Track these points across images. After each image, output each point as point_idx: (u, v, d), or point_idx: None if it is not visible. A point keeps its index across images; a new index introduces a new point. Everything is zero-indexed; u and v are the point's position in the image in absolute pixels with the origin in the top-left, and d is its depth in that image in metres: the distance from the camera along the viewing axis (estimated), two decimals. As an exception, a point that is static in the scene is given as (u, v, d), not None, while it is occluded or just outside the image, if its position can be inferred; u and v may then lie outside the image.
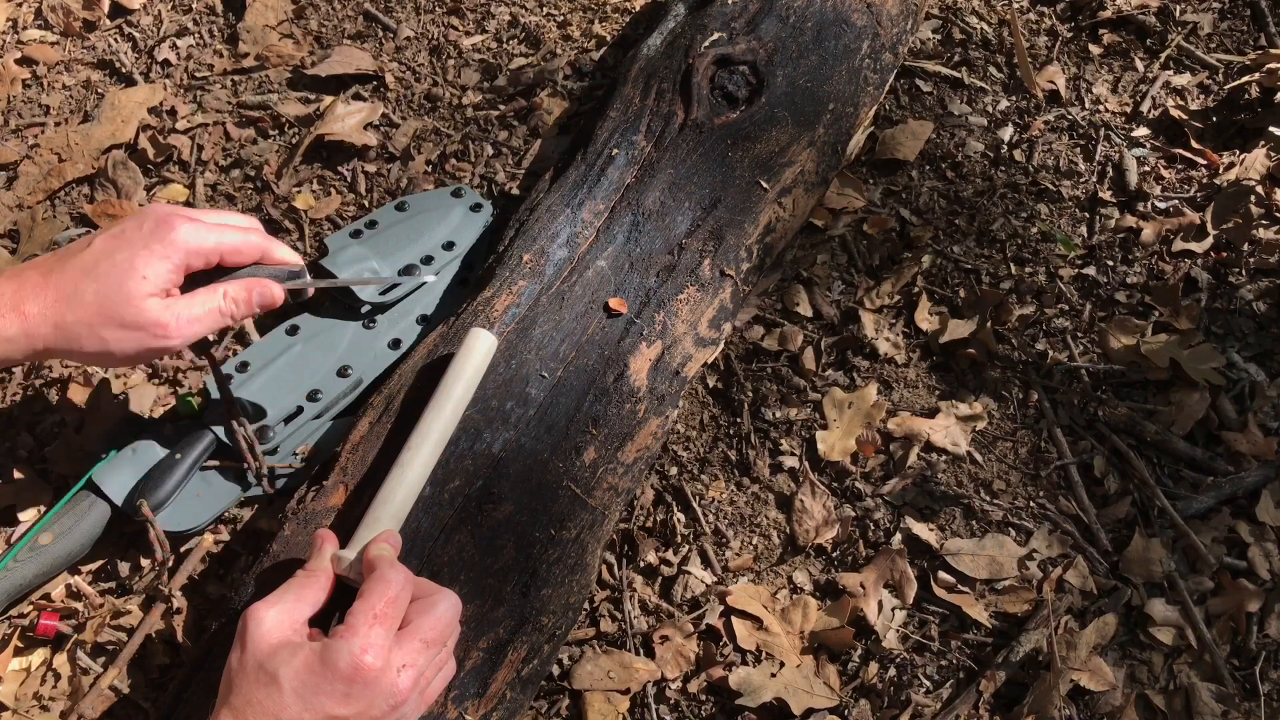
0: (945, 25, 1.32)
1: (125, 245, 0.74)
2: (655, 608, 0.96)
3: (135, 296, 0.73)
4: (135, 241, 0.74)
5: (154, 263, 0.74)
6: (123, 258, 0.73)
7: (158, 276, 0.74)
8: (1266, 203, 1.15)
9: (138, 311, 0.74)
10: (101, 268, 0.73)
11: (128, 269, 0.73)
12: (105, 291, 0.73)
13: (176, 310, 0.76)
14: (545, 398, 0.87)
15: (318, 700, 0.63)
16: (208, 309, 0.77)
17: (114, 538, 0.98)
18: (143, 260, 0.73)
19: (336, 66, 1.28)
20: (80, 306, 0.73)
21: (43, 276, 0.74)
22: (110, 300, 0.73)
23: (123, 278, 0.73)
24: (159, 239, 0.74)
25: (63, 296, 0.73)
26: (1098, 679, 0.89)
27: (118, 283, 0.73)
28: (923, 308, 1.10)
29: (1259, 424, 1.03)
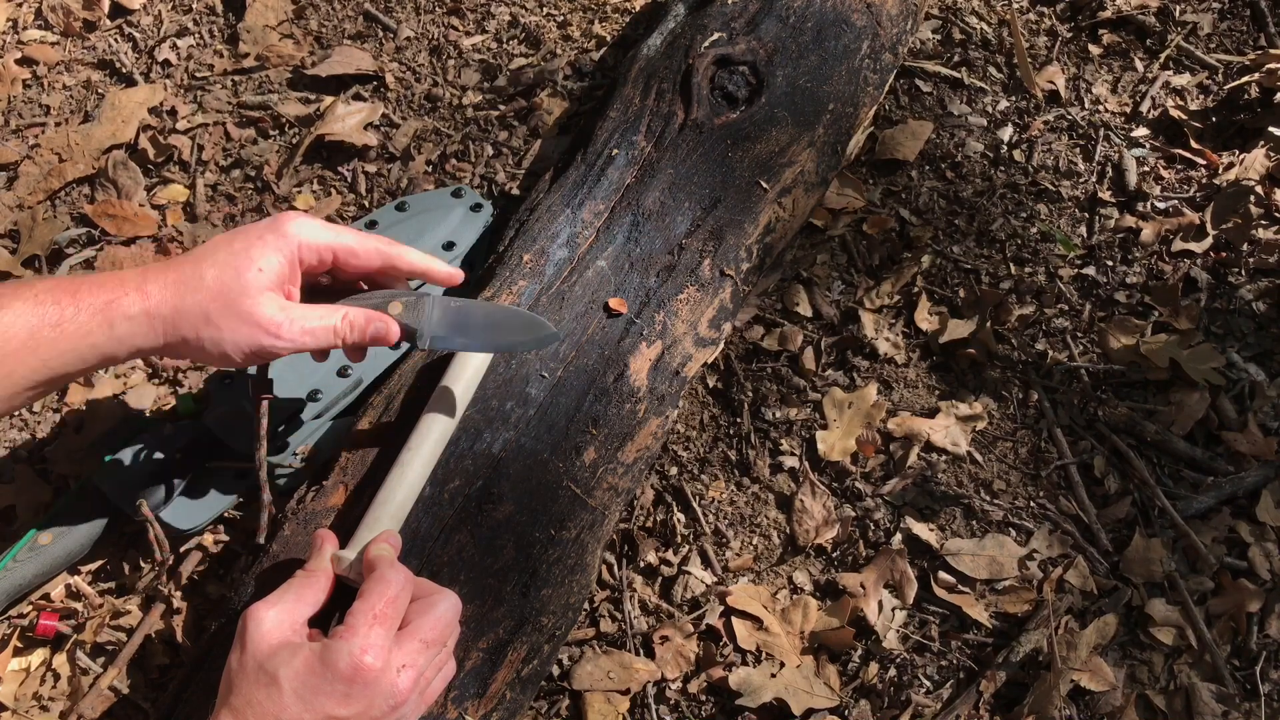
0: (945, 25, 1.32)
1: (242, 235, 0.75)
2: (655, 608, 0.96)
3: (252, 288, 0.73)
4: (251, 232, 0.75)
5: (268, 254, 0.74)
6: (239, 245, 0.74)
7: (271, 269, 0.74)
8: (1266, 203, 1.15)
9: (254, 304, 0.74)
10: (220, 254, 0.74)
11: (244, 258, 0.74)
12: (223, 277, 0.73)
13: (292, 314, 0.75)
14: (545, 398, 0.87)
15: (318, 700, 0.63)
16: (324, 324, 0.76)
17: (114, 538, 0.98)
18: (258, 250, 0.74)
19: (336, 66, 1.28)
20: (199, 289, 0.73)
21: (165, 263, 0.75)
22: (228, 287, 0.73)
23: (241, 266, 0.73)
24: (273, 230, 0.75)
25: (183, 278, 0.73)
26: (1098, 679, 0.89)
27: (236, 270, 0.73)
28: (923, 308, 1.10)
29: (1259, 424, 1.03)
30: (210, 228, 1.19)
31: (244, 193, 1.22)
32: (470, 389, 0.84)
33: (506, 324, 0.81)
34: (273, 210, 1.19)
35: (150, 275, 0.73)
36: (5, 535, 0.99)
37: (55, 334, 0.70)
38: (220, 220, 1.20)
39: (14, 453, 1.04)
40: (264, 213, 1.19)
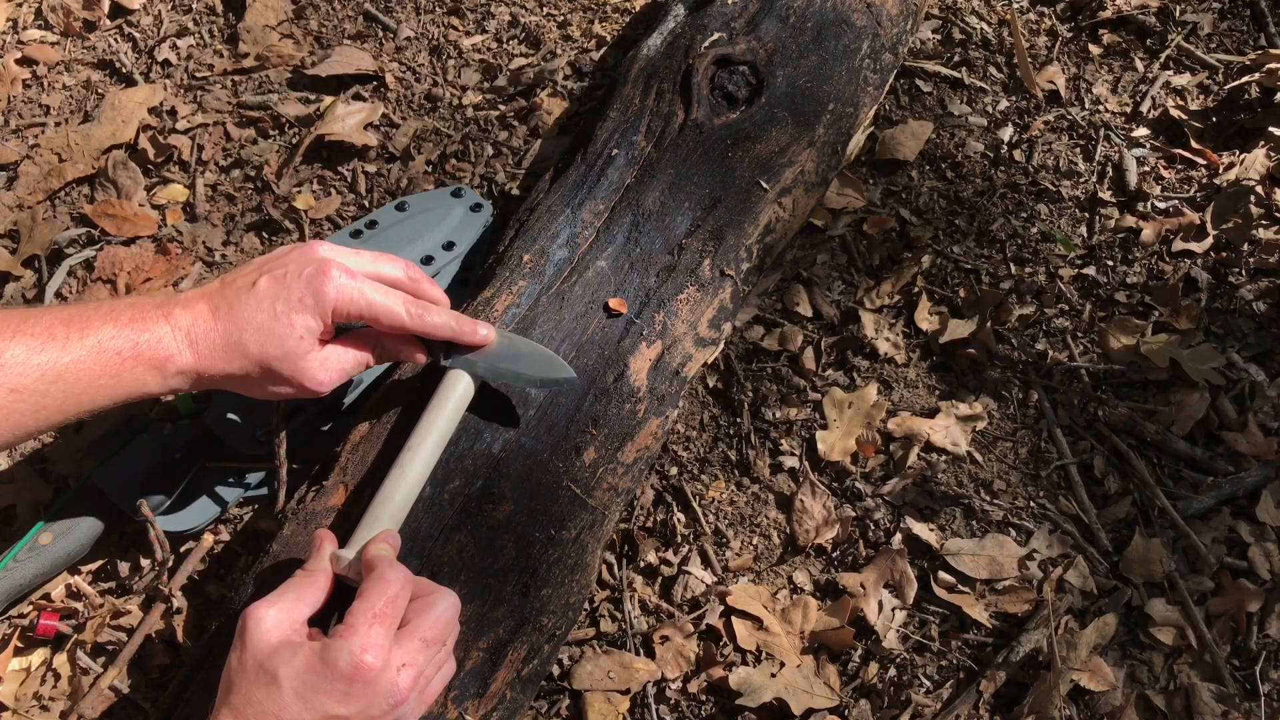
0: (945, 25, 1.32)
1: (283, 294, 0.76)
2: (655, 608, 0.96)
3: (294, 354, 0.77)
4: (293, 293, 0.76)
5: (307, 319, 0.76)
6: (281, 309, 0.76)
7: (311, 334, 0.77)
8: (1266, 203, 1.15)
9: (296, 370, 0.77)
10: (262, 318, 0.76)
11: (286, 324, 0.76)
12: (267, 347, 0.76)
13: (330, 365, 0.79)
14: (545, 398, 0.87)
15: (318, 700, 0.63)
16: (358, 360, 0.82)
17: (114, 538, 0.98)
18: (299, 318, 0.76)
19: (336, 66, 1.28)
20: (244, 356, 0.76)
21: (211, 314, 0.76)
22: (270, 356, 0.76)
23: (283, 334, 0.76)
24: (313, 293, 0.76)
25: (230, 343, 0.76)
26: (1098, 679, 0.89)
27: (279, 339, 0.76)
28: (923, 308, 1.10)
29: (1259, 424, 1.03)
30: (210, 227, 1.19)
31: (244, 192, 1.22)
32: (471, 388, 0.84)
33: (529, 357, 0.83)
34: (273, 210, 1.19)
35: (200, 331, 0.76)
36: (5, 535, 0.99)
37: (114, 382, 0.74)
38: (220, 220, 1.20)
39: (14, 453, 1.04)
40: (264, 212, 1.19)
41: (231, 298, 0.77)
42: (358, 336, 0.82)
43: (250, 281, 0.77)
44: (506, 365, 0.82)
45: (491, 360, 0.83)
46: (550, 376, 0.83)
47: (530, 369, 0.83)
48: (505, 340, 0.84)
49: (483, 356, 0.83)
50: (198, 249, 1.18)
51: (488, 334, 0.83)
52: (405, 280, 0.83)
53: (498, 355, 0.83)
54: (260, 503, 1.00)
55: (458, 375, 0.83)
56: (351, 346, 0.81)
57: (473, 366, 0.82)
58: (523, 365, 0.83)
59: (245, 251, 1.18)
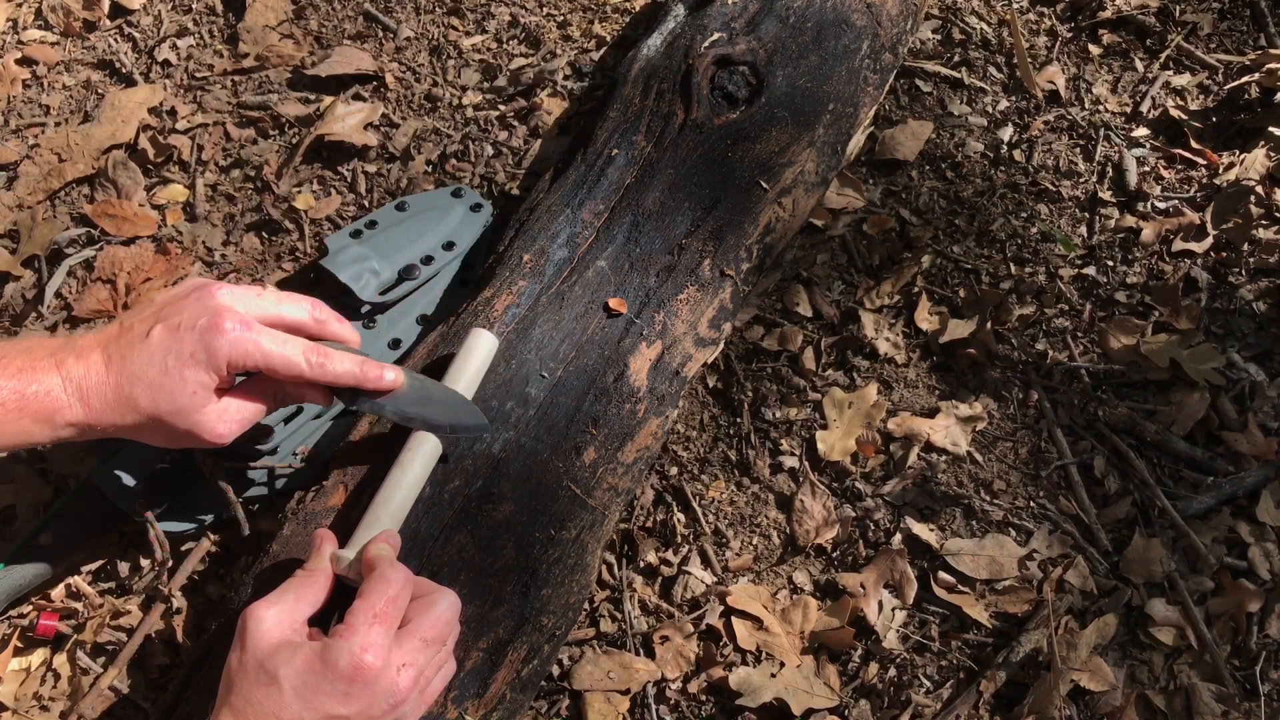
0: (945, 25, 1.32)
1: (175, 349, 0.73)
2: (655, 608, 0.96)
3: (187, 410, 0.74)
4: (185, 346, 0.73)
5: (200, 374, 0.74)
6: (172, 365, 0.73)
7: (205, 389, 0.74)
8: (1266, 203, 1.15)
9: (192, 424, 0.75)
10: (153, 374, 0.73)
11: (179, 382, 0.73)
12: (157, 403, 0.74)
13: (228, 416, 0.77)
14: (545, 398, 0.87)
15: (318, 700, 0.63)
16: (258, 409, 0.79)
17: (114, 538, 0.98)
18: (191, 373, 0.73)
19: (336, 66, 1.28)
20: (135, 411, 0.74)
21: (104, 365, 0.74)
22: (162, 412, 0.74)
23: (175, 391, 0.73)
24: (205, 347, 0.73)
25: (121, 399, 0.73)
26: (1098, 679, 0.89)
27: (170, 396, 0.73)
28: (923, 308, 1.10)
29: (1259, 424, 1.03)
30: (210, 227, 1.19)
31: (244, 192, 1.22)
32: (471, 389, 0.84)
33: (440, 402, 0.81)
34: (273, 210, 1.19)
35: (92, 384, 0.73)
36: (5, 535, 0.99)
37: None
38: (220, 220, 1.20)
39: (14, 453, 1.04)
40: (264, 212, 1.19)
41: (125, 348, 0.74)
42: (258, 384, 0.78)
43: (145, 330, 0.75)
44: (415, 410, 0.80)
45: (400, 405, 0.80)
46: (460, 423, 0.80)
47: (441, 415, 0.80)
48: (415, 384, 0.81)
49: (391, 400, 0.79)
50: (198, 249, 1.18)
51: (395, 378, 0.79)
52: (310, 323, 0.79)
53: (407, 400, 0.80)
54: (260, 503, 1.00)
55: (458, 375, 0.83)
56: (250, 397, 0.78)
57: (380, 410, 0.80)
58: (433, 411, 0.80)
59: (245, 251, 1.18)
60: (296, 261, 1.17)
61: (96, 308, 1.13)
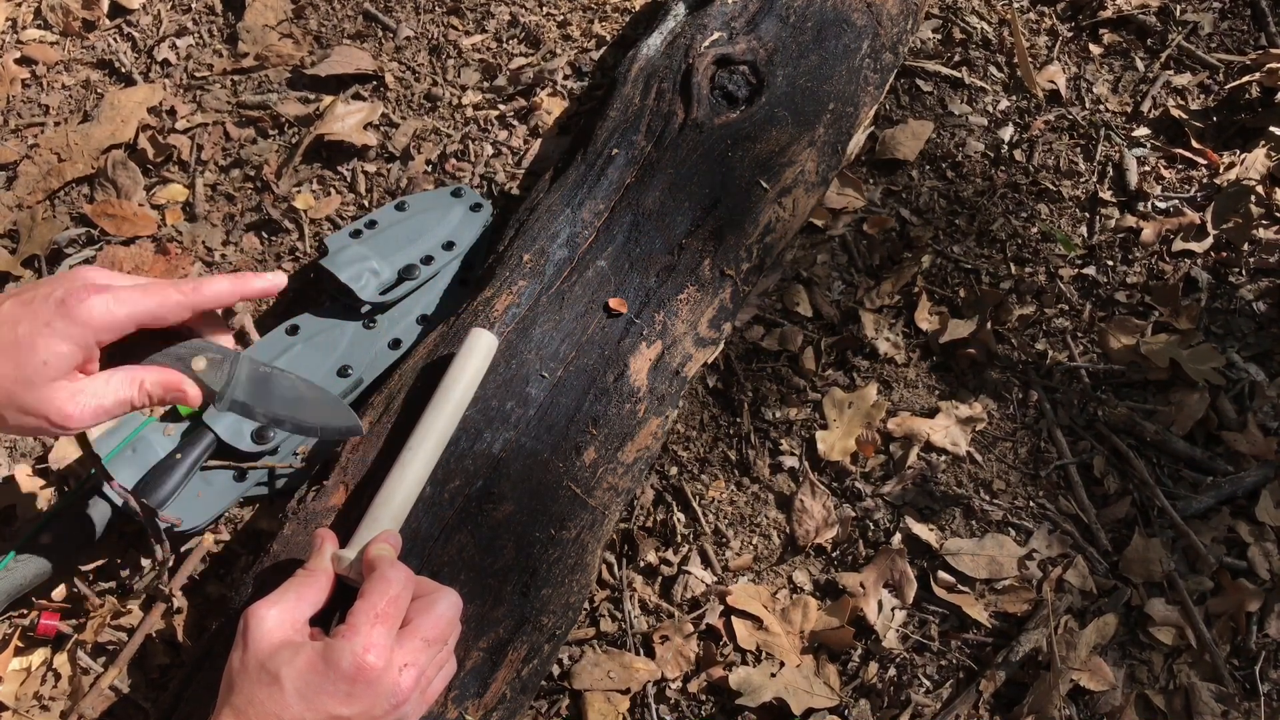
0: (945, 25, 1.32)
1: (28, 318, 0.68)
2: (655, 608, 0.96)
3: (36, 382, 0.68)
4: (39, 315, 0.68)
5: (55, 344, 0.68)
6: (24, 333, 0.68)
7: (60, 360, 0.68)
8: (1266, 203, 1.15)
9: (38, 399, 0.68)
10: (2, 343, 0.68)
11: (29, 350, 0.67)
12: (4, 372, 0.67)
13: (82, 400, 0.70)
14: (545, 398, 0.87)
15: (320, 700, 0.63)
16: (118, 399, 0.72)
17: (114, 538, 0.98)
18: (44, 342, 0.68)
19: (336, 66, 1.28)
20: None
21: None
22: (8, 381, 0.68)
23: (23, 360, 0.67)
24: (63, 315, 0.68)
25: None
26: (1098, 679, 0.89)
27: (16, 364, 0.67)
28: (923, 308, 1.10)
29: (1259, 424, 1.03)
30: (209, 227, 1.19)
31: (243, 192, 1.22)
32: (471, 389, 0.84)
33: (311, 403, 0.77)
34: (273, 210, 1.19)
35: None
36: (5, 535, 0.99)
37: None
38: (220, 220, 1.20)
39: (14, 453, 1.04)
40: (264, 212, 1.19)
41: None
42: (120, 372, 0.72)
43: None
44: (286, 413, 0.76)
45: (270, 406, 0.76)
46: (330, 424, 0.77)
47: (311, 416, 0.77)
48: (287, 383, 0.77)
49: (263, 402, 0.76)
50: (197, 249, 1.18)
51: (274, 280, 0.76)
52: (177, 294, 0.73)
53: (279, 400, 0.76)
54: (260, 503, 1.00)
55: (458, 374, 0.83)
56: (110, 383, 0.71)
57: (250, 412, 0.76)
58: (304, 412, 0.76)
59: (245, 251, 1.18)
60: (296, 261, 1.17)
61: (96, 307, 1.13)
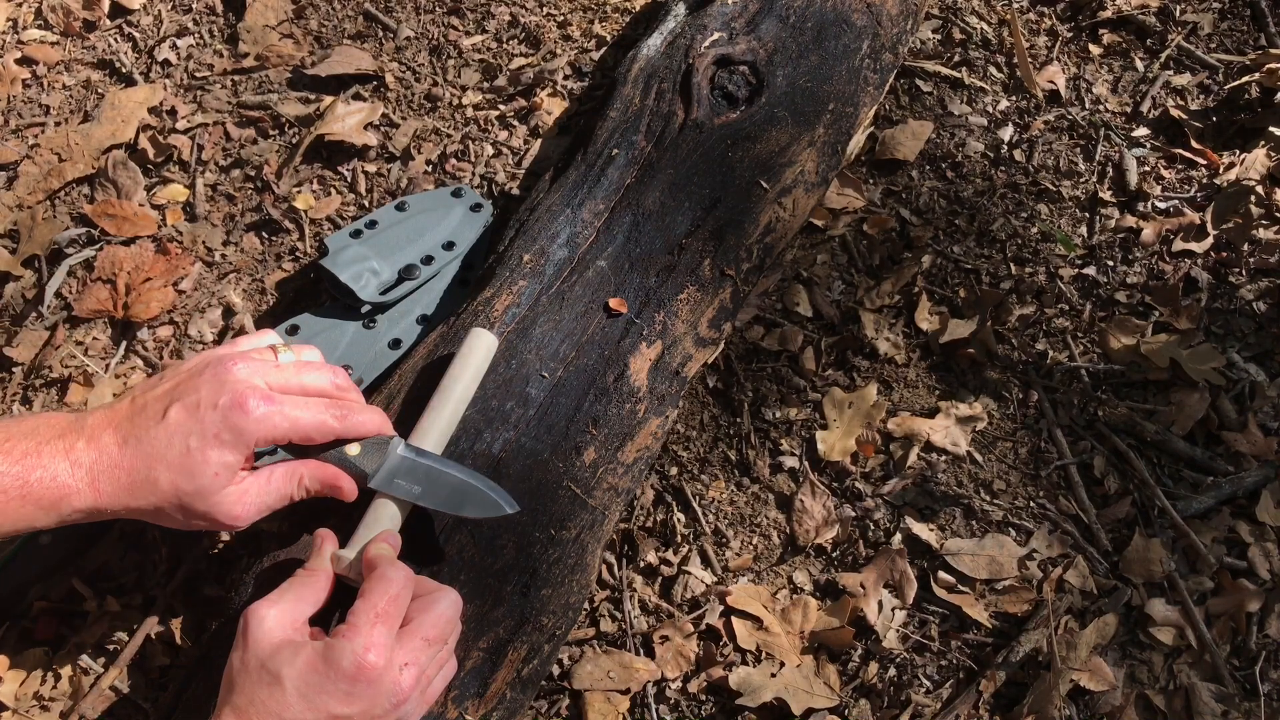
0: (945, 25, 1.32)
1: (197, 427, 0.71)
2: (655, 608, 0.96)
3: (208, 491, 0.72)
4: (207, 425, 0.71)
5: (225, 454, 0.72)
6: (195, 445, 0.71)
7: (228, 470, 0.72)
8: (1266, 203, 1.15)
9: (210, 505, 0.72)
10: (174, 455, 0.71)
11: (201, 463, 0.71)
12: (178, 484, 0.71)
13: (248, 500, 0.74)
14: (545, 398, 0.87)
15: (321, 699, 0.64)
16: (280, 495, 0.76)
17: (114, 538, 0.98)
18: (215, 454, 0.71)
19: (336, 66, 1.28)
20: (153, 493, 0.71)
21: (119, 448, 0.71)
22: (183, 492, 0.71)
23: (196, 473, 0.71)
24: (229, 427, 0.71)
25: (136, 482, 0.71)
26: (1098, 679, 0.89)
27: (191, 476, 0.71)
28: (923, 308, 1.10)
29: (1259, 424, 1.03)
30: (210, 227, 1.19)
31: (244, 192, 1.22)
32: (471, 389, 0.84)
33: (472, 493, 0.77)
34: (273, 210, 1.19)
35: (103, 468, 0.71)
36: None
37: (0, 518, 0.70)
38: (220, 220, 1.20)
39: (14, 452, 1.03)
40: (264, 212, 1.19)
41: (141, 429, 0.72)
42: (281, 470, 0.76)
43: (160, 410, 0.72)
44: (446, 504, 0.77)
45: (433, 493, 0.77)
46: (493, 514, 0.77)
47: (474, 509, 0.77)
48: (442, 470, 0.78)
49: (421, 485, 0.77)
50: (198, 249, 1.18)
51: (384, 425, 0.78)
52: (331, 389, 0.78)
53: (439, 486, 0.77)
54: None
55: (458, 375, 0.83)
56: (273, 481, 0.75)
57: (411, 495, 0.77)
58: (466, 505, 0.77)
59: (245, 251, 1.18)
60: (296, 261, 1.17)
61: (96, 308, 1.13)
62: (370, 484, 0.77)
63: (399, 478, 0.77)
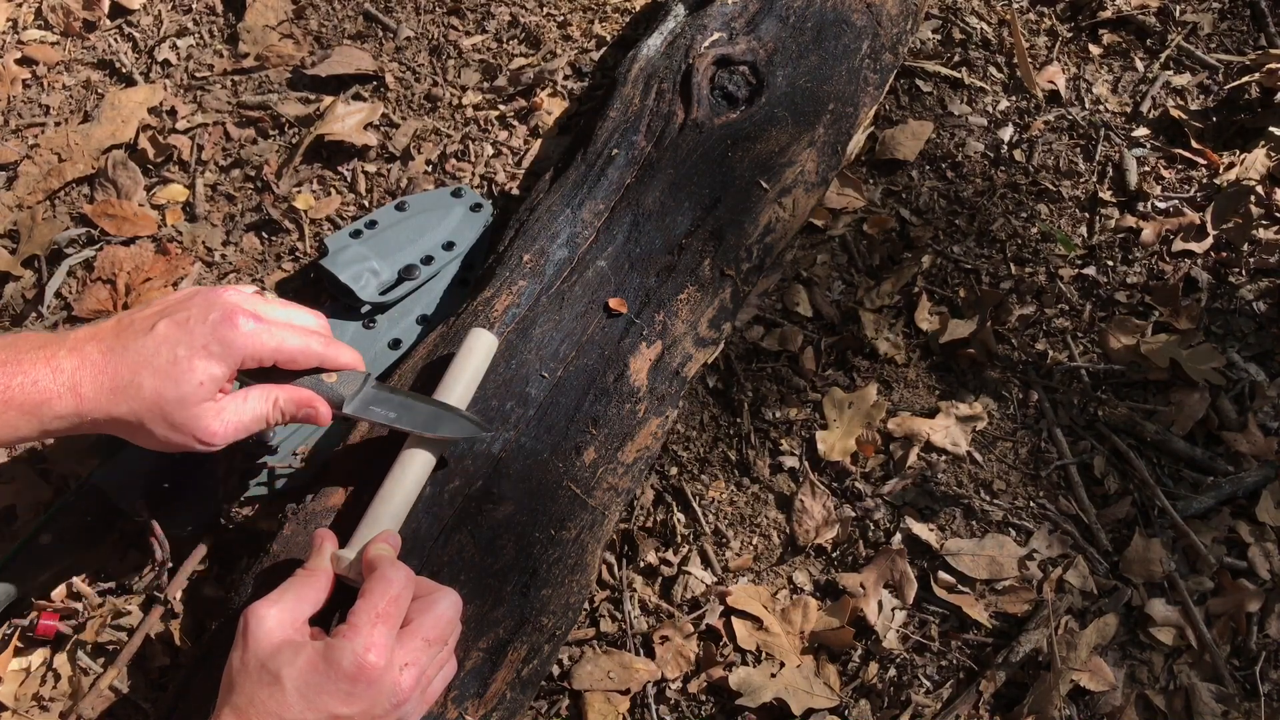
0: (945, 25, 1.32)
1: (186, 338, 0.73)
2: (655, 608, 0.96)
3: (190, 400, 0.73)
4: (196, 337, 0.73)
5: (211, 366, 0.73)
6: (183, 354, 0.72)
7: (212, 381, 0.74)
8: (1266, 203, 1.15)
9: (190, 416, 0.73)
10: (161, 361, 0.72)
11: (187, 371, 0.72)
12: (161, 390, 0.72)
13: (225, 417, 0.75)
14: (545, 398, 0.87)
15: (321, 699, 0.64)
16: (255, 415, 0.77)
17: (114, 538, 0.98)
18: (201, 364, 0.72)
19: (336, 66, 1.28)
20: (135, 399, 0.72)
21: (103, 356, 0.72)
22: (166, 399, 0.72)
23: (181, 379, 0.72)
24: (218, 339, 0.73)
25: (119, 386, 0.72)
26: (1098, 679, 0.89)
27: (175, 383, 0.72)
28: (923, 308, 1.10)
29: (1259, 424, 1.03)
30: (210, 227, 1.19)
31: (244, 192, 1.22)
32: (471, 389, 0.84)
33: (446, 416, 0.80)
34: (273, 210, 1.19)
35: (86, 374, 0.72)
36: (5, 535, 0.99)
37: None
38: (220, 220, 1.20)
39: (14, 452, 1.04)
40: (264, 212, 1.19)
41: (127, 340, 0.73)
42: (256, 391, 0.77)
43: (149, 325, 0.74)
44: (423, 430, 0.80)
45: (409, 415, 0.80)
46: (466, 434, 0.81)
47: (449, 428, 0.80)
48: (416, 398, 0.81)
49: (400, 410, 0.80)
50: (197, 249, 1.18)
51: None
52: (313, 324, 0.81)
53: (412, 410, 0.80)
54: (260, 503, 1.00)
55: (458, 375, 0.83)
56: (249, 400, 0.77)
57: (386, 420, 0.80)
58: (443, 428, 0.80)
59: (245, 251, 1.18)
60: (296, 261, 1.17)
61: (96, 307, 1.13)
62: (346, 409, 0.80)
63: (374, 405, 0.80)
